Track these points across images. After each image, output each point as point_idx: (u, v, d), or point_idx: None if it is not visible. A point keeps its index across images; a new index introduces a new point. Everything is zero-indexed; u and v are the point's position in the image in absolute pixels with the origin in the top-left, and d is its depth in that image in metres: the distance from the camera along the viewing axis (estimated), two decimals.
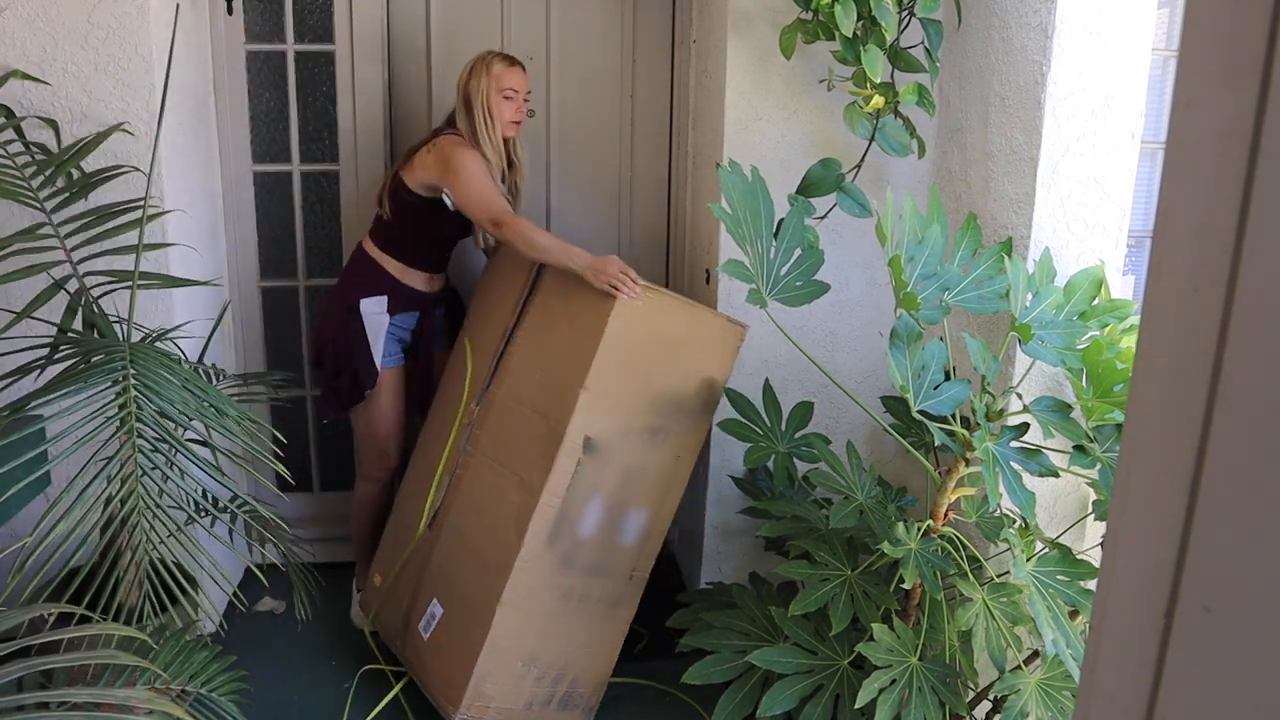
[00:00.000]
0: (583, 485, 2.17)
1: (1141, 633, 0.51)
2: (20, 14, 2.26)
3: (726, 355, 2.31)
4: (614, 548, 2.26)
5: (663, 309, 2.22)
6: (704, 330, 2.28)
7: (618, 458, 2.20)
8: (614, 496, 2.22)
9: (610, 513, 2.23)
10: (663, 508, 2.30)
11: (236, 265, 2.92)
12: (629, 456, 2.21)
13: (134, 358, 1.78)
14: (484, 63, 2.48)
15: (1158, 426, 0.50)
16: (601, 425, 2.17)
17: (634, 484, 2.24)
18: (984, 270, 1.96)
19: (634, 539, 2.28)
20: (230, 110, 2.82)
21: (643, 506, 2.27)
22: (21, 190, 2.07)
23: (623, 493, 2.23)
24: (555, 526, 2.16)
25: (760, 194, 1.90)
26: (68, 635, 1.43)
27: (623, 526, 2.26)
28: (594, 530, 2.22)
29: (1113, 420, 1.83)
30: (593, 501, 2.20)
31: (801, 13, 2.16)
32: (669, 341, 2.24)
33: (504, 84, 2.46)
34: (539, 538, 2.14)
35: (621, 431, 2.20)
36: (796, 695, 1.87)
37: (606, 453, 2.19)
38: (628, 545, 2.27)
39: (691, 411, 2.27)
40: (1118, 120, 1.98)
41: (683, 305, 2.26)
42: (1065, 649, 1.71)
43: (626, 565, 2.29)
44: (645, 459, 2.24)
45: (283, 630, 2.72)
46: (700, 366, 2.27)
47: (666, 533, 2.34)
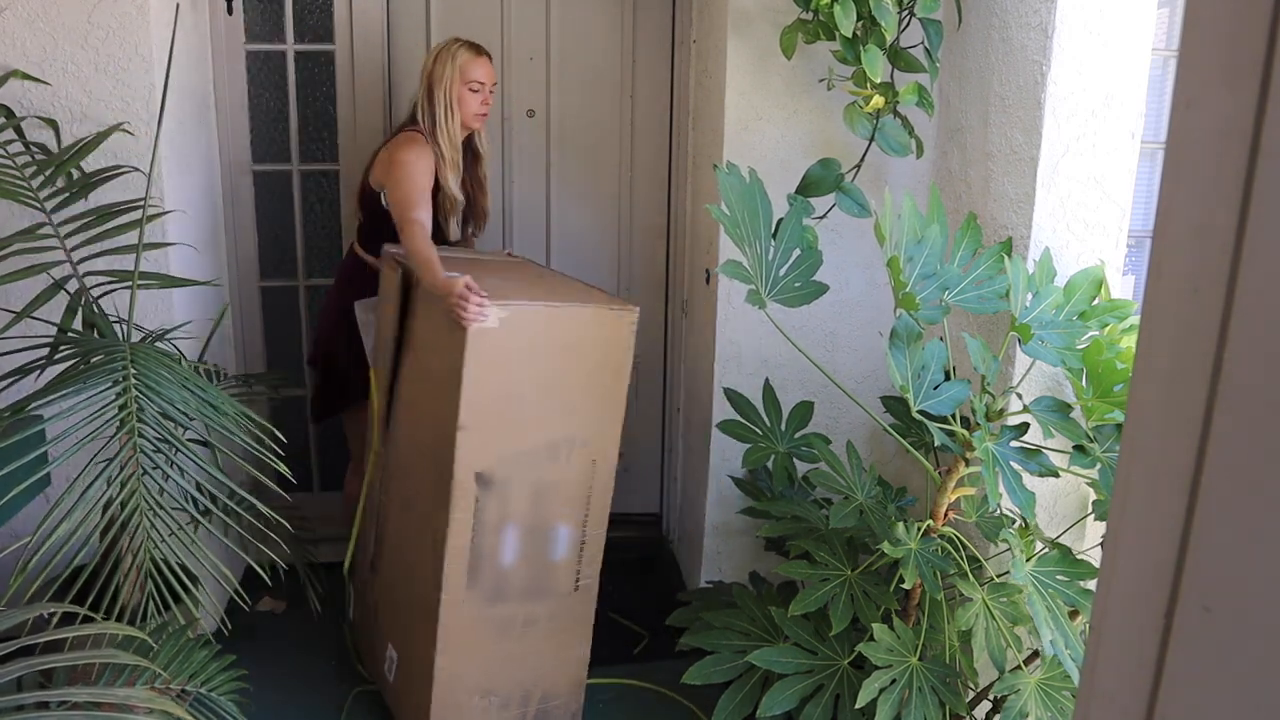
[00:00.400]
0: (489, 520, 2.09)
1: (1141, 633, 0.51)
2: (20, 14, 2.27)
3: (619, 346, 2.13)
4: (546, 567, 2.18)
5: (527, 322, 2.04)
6: (584, 328, 2.11)
7: (520, 483, 2.10)
8: (529, 520, 2.13)
9: (531, 536, 2.15)
10: (590, 515, 2.20)
11: (236, 265, 2.92)
12: (533, 478, 2.11)
13: (134, 358, 1.78)
14: (449, 51, 2.40)
15: (1158, 426, 0.50)
16: (491, 458, 2.06)
17: (548, 502, 2.14)
18: (984, 270, 1.96)
19: (566, 552, 2.19)
20: (230, 110, 2.82)
21: (565, 520, 2.18)
22: (21, 190, 2.07)
23: (538, 514, 2.14)
24: (471, 567, 2.09)
25: (758, 195, 1.90)
26: (69, 635, 1.43)
27: (550, 545, 2.17)
28: (517, 557, 2.14)
29: (1113, 420, 1.83)
30: (506, 531, 2.11)
31: (801, 13, 2.16)
32: (546, 352, 2.08)
33: (469, 75, 2.39)
34: (457, 582, 2.08)
35: (516, 457, 2.08)
36: (796, 695, 1.87)
37: (505, 482, 2.09)
38: (561, 560, 2.19)
39: (596, 414, 2.15)
40: (1118, 120, 1.98)
41: (550, 311, 2.09)
42: (1064, 649, 1.71)
43: (567, 579, 2.21)
44: (553, 475, 2.13)
45: (283, 630, 2.72)
46: (592, 366, 2.13)
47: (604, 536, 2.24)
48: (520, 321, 2.03)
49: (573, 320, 2.10)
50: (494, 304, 1.98)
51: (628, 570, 3.13)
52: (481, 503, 2.07)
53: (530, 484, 2.12)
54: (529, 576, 2.17)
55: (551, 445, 2.12)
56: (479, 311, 1.95)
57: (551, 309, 2.09)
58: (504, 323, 2.00)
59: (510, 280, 2.25)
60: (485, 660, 2.17)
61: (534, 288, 2.22)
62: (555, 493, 2.15)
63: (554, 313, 2.09)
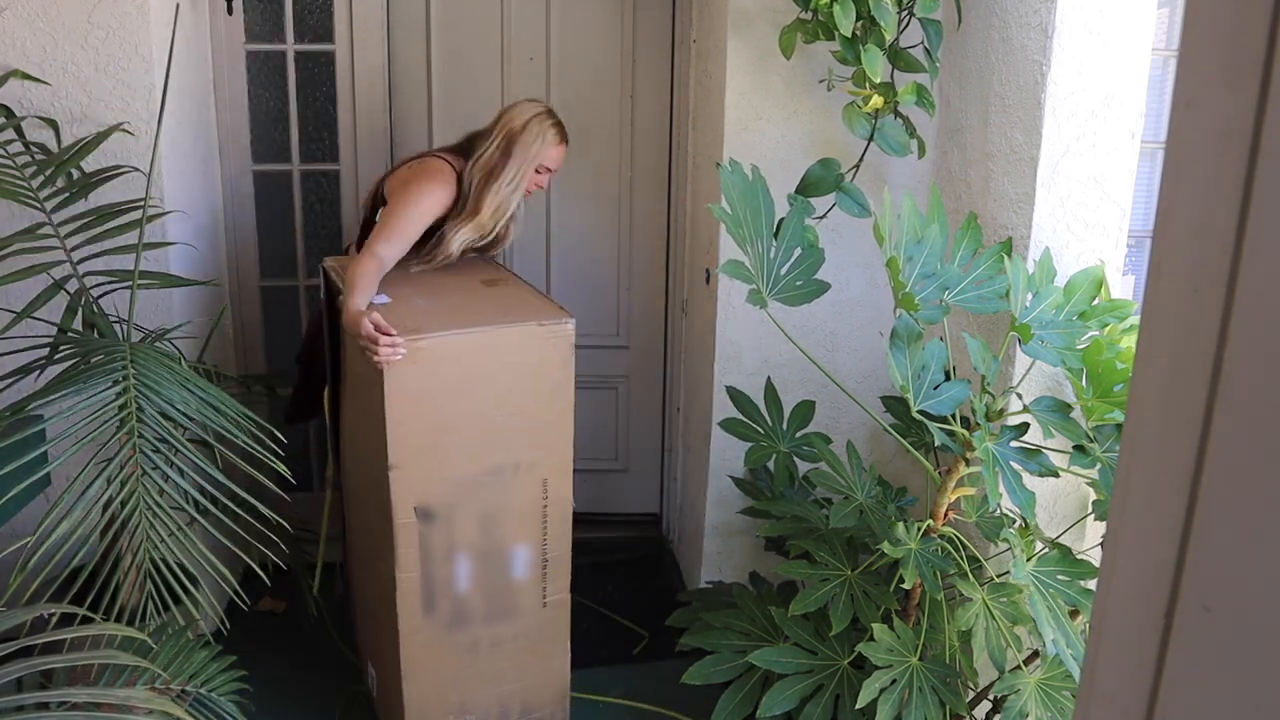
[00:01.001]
0: (437, 551, 2.04)
1: (1141, 633, 0.51)
2: (20, 14, 2.27)
3: (555, 363, 2.04)
4: (507, 588, 2.14)
5: (448, 351, 1.95)
6: (513, 350, 2.02)
7: (466, 511, 2.05)
8: (481, 545, 2.08)
9: (485, 560, 2.10)
10: (549, 534, 2.15)
11: (236, 265, 2.92)
12: (480, 504, 2.06)
13: (134, 358, 1.78)
14: (542, 125, 2.29)
15: (1158, 426, 0.50)
16: (430, 491, 2.00)
17: (500, 526, 2.09)
18: (984, 270, 1.96)
19: (526, 572, 2.15)
20: (230, 110, 2.82)
21: (521, 542, 2.13)
22: (21, 190, 2.07)
23: (490, 539, 2.09)
24: (425, 597, 2.06)
25: (760, 193, 1.90)
26: (69, 635, 1.43)
27: (508, 566, 2.13)
28: (473, 583, 2.10)
29: (1113, 420, 1.83)
30: (458, 559, 2.07)
31: (801, 13, 2.16)
32: (475, 378, 1.99)
33: (548, 159, 2.30)
34: (412, 613, 2.05)
35: (457, 487, 2.03)
36: (797, 695, 1.87)
37: (449, 512, 2.03)
38: (522, 580, 2.15)
39: (540, 434, 2.08)
40: (1118, 120, 1.98)
41: (473, 338, 1.99)
42: (1065, 649, 1.71)
43: (532, 598, 2.17)
44: (500, 500, 2.07)
45: (283, 630, 2.72)
46: (529, 386, 2.05)
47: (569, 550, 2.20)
48: (441, 352, 1.94)
49: (498, 343, 2.01)
50: (408, 338, 1.88)
51: (628, 570, 3.13)
52: (426, 535, 2.02)
53: (477, 511, 2.06)
54: (489, 599, 2.13)
55: (495, 470, 2.05)
56: (389, 352, 1.86)
57: (473, 334, 1.98)
58: (423, 357, 1.91)
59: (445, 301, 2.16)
60: (456, 682, 2.14)
61: (467, 308, 2.11)
62: (506, 516, 2.09)
63: (476, 338, 1.99)
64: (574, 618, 2.87)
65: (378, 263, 2.11)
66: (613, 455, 3.28)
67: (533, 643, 2.21)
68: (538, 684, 2.24)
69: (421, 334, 1.91)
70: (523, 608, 2.17)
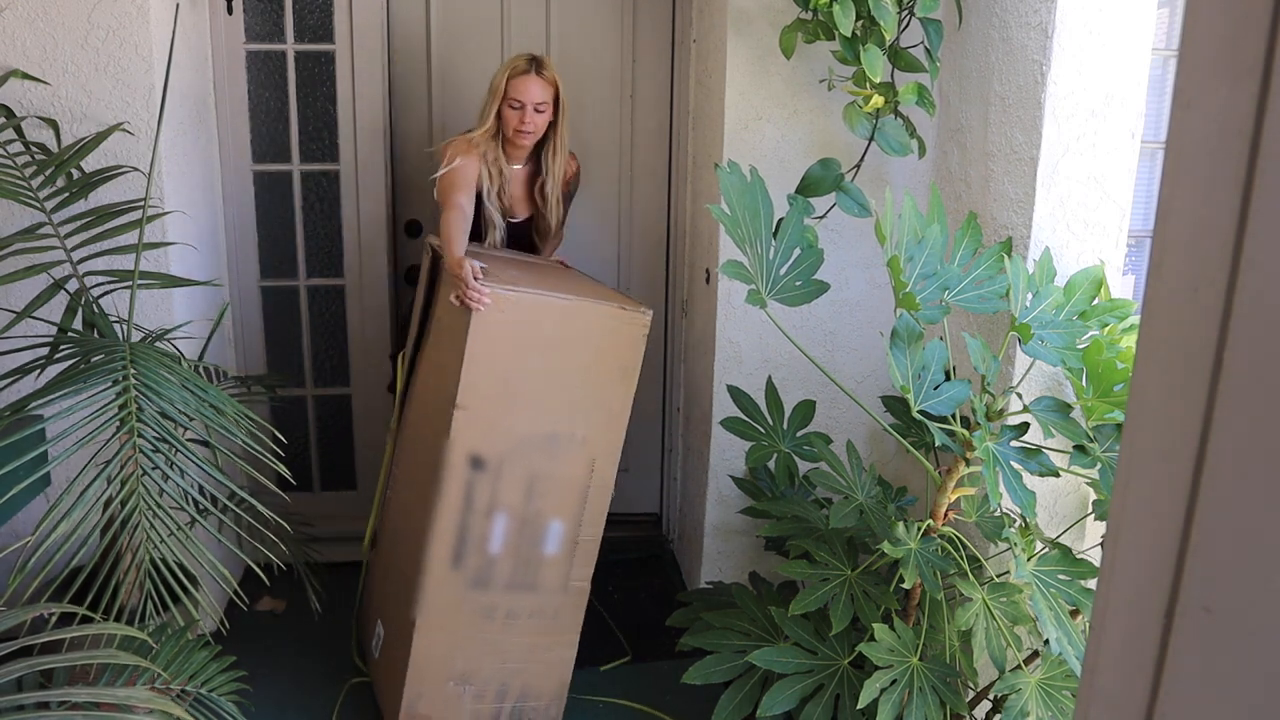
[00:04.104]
0: (480, 503, 2.09)
1: (1141, 633, 0.51)
2: (20, 14, 2.27)
3: (628, 347, 2.12)
4: (535, 560, 2.17)
5: (532, 310, 2.05)
6: (592, 325, 2.10)
7: (515, 470, 2.10)
8: (521, 510, 2.13)
9: (521, 527, 2.14)
10: (585, 515, 2.18)
11: (236, 265, 2.92)
12: (528, 468, 2.10)
13: (134, 358, 1.78)
14: (508, 62, 2.45)
15: (1158, 426, 0.50)
16: (487, 441, 2.06)
17: (542, 495, 2.13)
18: (984, 270, 1.96)
19: (558, 549, 2.18)
20: (230, 110, 2.82)
21: (559, 516, 2.16)
22: (21, 190, 2.07)
23: (531, 505, 2.13)
24: (457, 548, 2.09)
25: (759, 194, 1.90)
26: (69, 635, 1.43)
27: (541, 538, 2.16)
28: (505, 546, 2.13)
29: (1113, 420, 1.83)
30: (497, 518, 2.11)
31: (801, 12, 2.16)
32: (551, 344, 2.08)
33: (510, 92, 2.40)
34: (441, 561, 2.09)
35: (513, 444, 2.08)
36: (797, 695, 1.87)
37: (500, 467, 2.08)
38: (551, 556, 2.18)
39: (598, 413, 2.14)
40: (1118, 120, 1.98)
41: (559, 304, 2.08)
42: (1068, 648, 1.71)
43: (556, 577, 2.19)
44: (549, 468, 2.12)
45: (283, 630, 2.72)
46: (598, 364, 2.11)
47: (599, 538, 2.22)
48: (526, 309, 2.05)
49: (580, 315, 2.10)
50: (502, 288, 2.01)
51: (628, 570, 3.13)
52: (473, 485, 2.08)
53: (525, 474, 2.11)
54: (516, 568, 2.16)
55: (550, 438, 2.11)
56: (478, 296, 1.99)
57: (560, 301, 2.09)
58: (510, 308, 2.03)
59: (535, 275, 2.26)
60: (464, 644, 2.17)
61: (555, 284, 2.21)
62: (550, 487, 2.14)
63: (562, 305, 2.09)
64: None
65: (458, 211, 2.30)
66: None
67: (546, 625, 2.22)
68: (541, 670, 2.25)
69: (517, 288, 2.05)
70: (545, 584, 2.20)
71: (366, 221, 2.94)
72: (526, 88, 2.40)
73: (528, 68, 2.40)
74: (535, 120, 2.42)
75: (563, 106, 2.47)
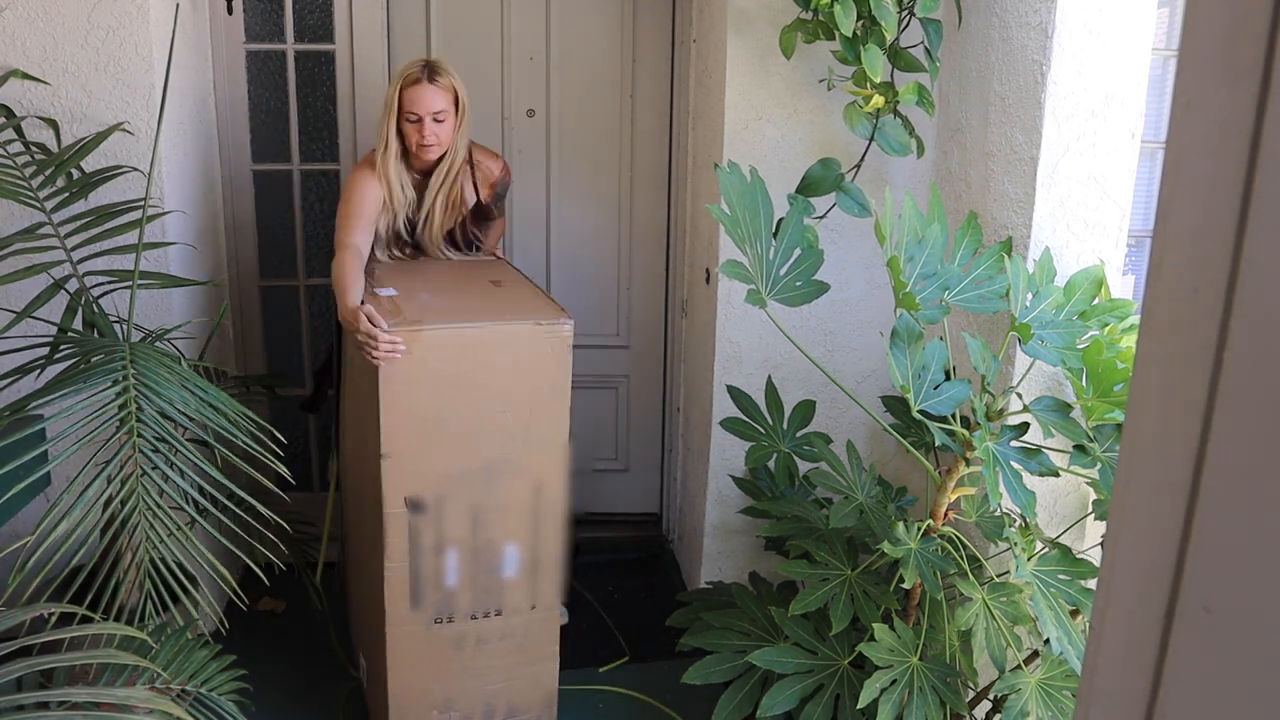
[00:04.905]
0: (427, 543, 2.06)
1: (1141, 633, 0.51)
2: (20, 14, 2.26)
3: (552, 364, 2.05)
4: (495, 587, 2.15)
5: (444, 344, 1.98)
6: (510, 347, 2.03)
7: (457, 506, 2.06)
8: (470, 542, 2.10)
9: (475, 557, 2.11)
10: (540, 536, 2.15)
11: (236, 265, 2.92)
12: (469, 501, 2.07)
13: (134, 358, 1.78)
14: (399, 74, 2.25)
15: (1158, 426, 0.50)
16: (421, 482, 2.02)
17: (488, 525, 2.10)
18: (984, 270, 1.96)
19: (516, 572, 2.15)
20: (230, 110, 2.82)
21: (511, 540, 2.13)
22: (21, 190, 2.07)
23: (479, 536, 2.10)
24: (413, 589, 2.08)
25: (759, 194, 1.90)
26: (68, 635, 1.43)
27: (498, 565, 2.13)
28: (462, 578, 2.11)
29: (1113, 420, 1.83)
30: (447, 553, 2.09)
31: (801, 12, 2.16)
32: (470, 375, 2.01)
33: (408, 103, 2.22)
34: (399, 605, 2.08)
35: (448, 481, 2.04)
36: (797, 695, 1.87)
37: (440, 506, 2.05)
38: (511, 579, 2.15)
39: (534, 437, 2.08)
40: (1118, 120, 1.98)
41: (471, 333, 2.01)
42: (1069, 647, 1.72)
43: (521, 598, 2.17)
44: (491, 499, 2.08)
45: (283, 630, 2.72)
46: (524, 387, 2.05)
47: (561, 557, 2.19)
48: (437, 344, 1.97)
49: (494, 339, 2.02)
50: (407, 327, 1.92)
51: (628, 570, 3.13)
52: (416, 528, 2.04)
53: (468, 507, 2.07)
54: (476, 596, 2.14)
55: (486, 469, 2.06)
56: (388, 349, 1.89)
57: (470, 329, 2.00)
58: (419, 347, 1.94)
59: (450, 292, 2.19)
60: (440, 676, 2.15)
61: (470, 303, 2.13)
62: (496, 515, 2.10)
63: (473, 333, 2.00)
64: (574, 617, 2.88)
65: (349, 252, 2.13)
66: (613, 455, 3.28)
67: (520, 644, 2.21)
68: (525, 686, 2.24)
69: (420, 325, 1.95)
70: (511, 607, 2.18)
71: None
72: (420, 98, 2.21)
73: (420, 75, 2.22)
74: (436, 131, 2.25)
75: (462, 111, 2.29)
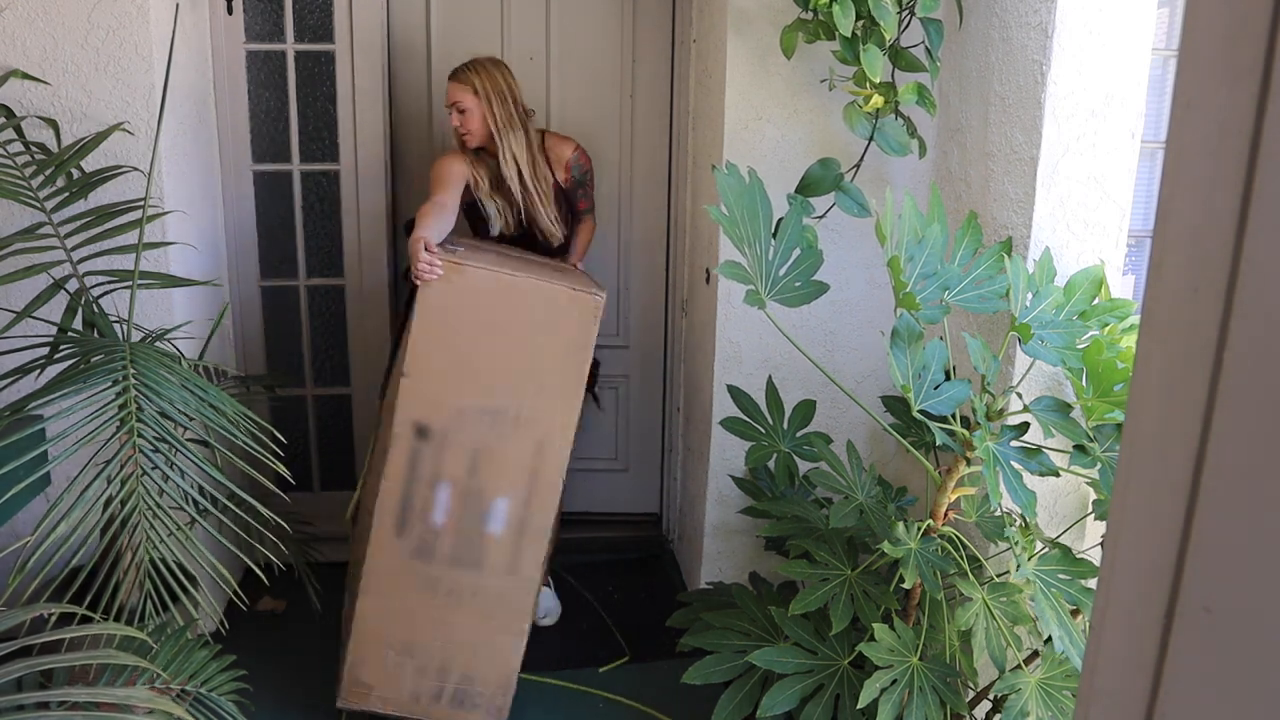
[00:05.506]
0: (424, 472, 2.15)
1: (1141, 633, 0.51)
2: (20, 14, 2.26)
3: (577, 329, 2.14)
4: (478, 538, 2.21)
5: (484, 286, 2.11)
6: (542, 304, 2.14)
7: (460, 441, 2.15)
8: (464, 483, 2.17)
9: (464, 500, 2.18)
10: (534, 497, 2.20)
11: (236, 265, 2.92)
12: (472, 440, 2.15)
13: (134, 358, 1.78)
14: None
15: (1158, 426, 0.50)
16: (431, 410, 2.13)
17: (485, 470, 2.17)
18: (984, 270, 1.96)
19: (502, 528, 2.21)
20: (230, 110, 2.82)
21: (503, 494, 2.19)
22: (21, 190, 2.07)
23: (474, 479, 2.18)
24: (401, 515, 2.16)
25: (758, 195, 1.90)
26: (68, 635, 1.43)
27: (485, 515, 2.20)
28: (449, 518, 2.19)
29: (1113, 420, 1.83)
30: (440, 488, 2.17)
31: (801, 12, 2.16)
32: (498, 318, 2.13)
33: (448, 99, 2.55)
34: (386, 528, 2.15)
35: (456, 414, 2.14)
36: (797, 695, 1.87)
37: (444, 437, 2.14)
38: (496, 535, 2.21)
39: (545, 394, 2.16)
40: (1118, 120, 1.98)
41: (508, 280, 2.13)
42: (1070, 647, 1.72)
43: (501, 558, 2.22)
44: (492, 444, 2.16)
45: (283, 630, 2.72)
46: (545, 344, 2.14)
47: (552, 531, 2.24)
48: (474, 283, 2.11)
49: (528, 293, 2.13)
50: (451, 262, 2.09)
51: (628, 570, 3.14)
52: (418, 454, 2.13)
53: (469, 446, 2.15)
54: (459, 543, 2.20)
55: (494, 413, 2.15)
56: (427, 266, 2.07)
57: (508, 277, 2.13)
58: (458, 279, 2.09)
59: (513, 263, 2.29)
60: (406, 615, 2.22)
61: (521, 268, 2.24)
62: (494, 462, 2.17)
63: (510, 280, 2.13)
64: (574, 617, 2.88)
65: (430, 204, 2.38)
66: (612, 455, 3.28)
67: (490, 607, 2.24)
68: (486, 656, 2.27)
69: (465, 263, 2.10)
70: (489, 564, 2.22)
71: (366, 222, 2.94)
72: (451, 91, 2.53)
73: (454, 72, 2.54)
74: (464, 121, 2.52)
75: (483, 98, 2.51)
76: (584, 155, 2.70)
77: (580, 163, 2.69)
